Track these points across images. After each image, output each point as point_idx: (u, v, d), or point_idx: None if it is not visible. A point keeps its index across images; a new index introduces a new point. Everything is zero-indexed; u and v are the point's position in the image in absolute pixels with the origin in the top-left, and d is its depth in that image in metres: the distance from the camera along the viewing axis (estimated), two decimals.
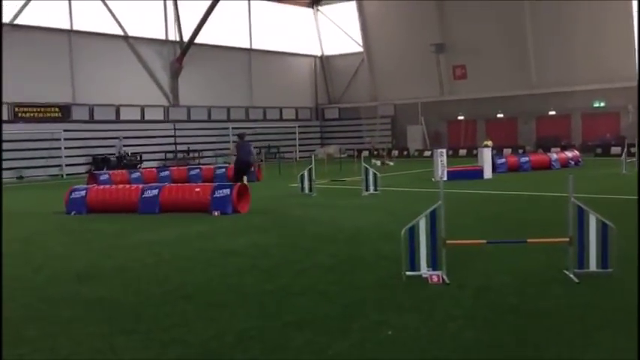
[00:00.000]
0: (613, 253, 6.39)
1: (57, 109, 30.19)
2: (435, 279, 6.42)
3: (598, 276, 6.37)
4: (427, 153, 35.08)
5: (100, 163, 29.79)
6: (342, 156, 34.84)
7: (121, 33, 33.28)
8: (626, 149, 21.20)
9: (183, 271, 7.57)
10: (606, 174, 19.97)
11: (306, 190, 16.46)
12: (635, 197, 13.43)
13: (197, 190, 13.71)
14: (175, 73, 35.42)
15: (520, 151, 32.76)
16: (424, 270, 6.58)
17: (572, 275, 6.36)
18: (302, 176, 16.66)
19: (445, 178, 18.74)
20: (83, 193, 14.09)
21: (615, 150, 29.11)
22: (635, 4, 32.68)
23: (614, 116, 34.46)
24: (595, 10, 33.75)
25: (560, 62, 35.36)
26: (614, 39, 33.52)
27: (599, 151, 31.61)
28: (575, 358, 4.31)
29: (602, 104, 34.57)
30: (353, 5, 42.98)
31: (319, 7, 45.15)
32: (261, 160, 30.77)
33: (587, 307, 5.44)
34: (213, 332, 5.10)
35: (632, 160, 20.68)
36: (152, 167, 26.96)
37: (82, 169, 29.99)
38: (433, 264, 6.56)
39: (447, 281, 6.37)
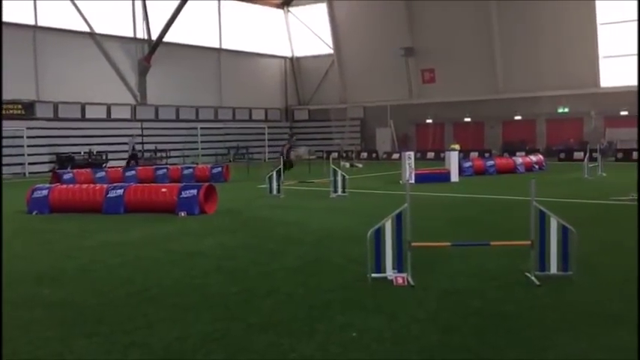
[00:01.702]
0: (573, 256, 6.53)
1: (20, 107, 29.49)
2: (400, 281, 6.46)
3: (558, 278, 6.49)
4: (395, 156, 35.33)
5: (64, 161, 29.19)
6: (311, 157, 34.86)
7: (88, 30, 32.70)
8: (588, 154, 21.71)
9: (147, 272, 7.47)
10: (569, 178, 20.42)
11: (275, 192, 16.42)
12: (597, 201, 13.77)
13: (163, 190, 13.55)
14: (143, 71, 34.97)
15: (486, 154, 33.27)
16: (389, 272, 6.61)
17: (533, 278, 6.48)
18: (270, 177, 16.61)
19: (413, 181, 18.92)
20: (45, 192, 13.78)
21: (578, 155, 29.78)
22: (598, 15, 33.54)
23: (577, 122, 35.28)
24: (560, 19, 34.52)
25: (526, 69, 36.05)
26: (577, 47, 34.33)
27: (562, 155, 32.30)
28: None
29: (566, 110, 35.36)
30: (323, 7, 43.08)
31: (290, 8, 45.13)
32: (230, 161, 30.57)
33: (548, 309, 5.54)
34: (176, 334, 5.04)
35: (594, 165, 21.18)
36: (118, 167, 26.52)
37: (46, 167, 29.34)
38: (398, 266, 6.60)
39: (412, 283, 6.42)
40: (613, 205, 13.09)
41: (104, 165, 29.22)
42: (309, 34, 44.53)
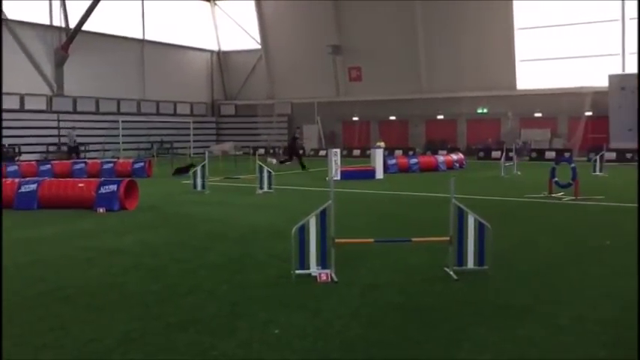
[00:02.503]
0: (488, 252, 6.79)
1: None
2: (324, 277, 6.50)
3: (475, 273, 6.74)
4: (322, 152, 35.58)
5: None
6: (238, 153, 34.53)
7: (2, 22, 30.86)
8: (504, 154, 22.67)
9: (61, 271, 7.14)
10: (487, 176, 21.26)
11: (199, 187, 16.13)
12: (512, 198, 14.42)
13: (81, 185, 13.00)
14: (60, 61, 33.40)
15: (410, 152, 34.09)
16: (313, 269, 6.64)
17: (451, 272, 6.69)
18: (195, 173, 16.30)
19: (338, 178, 19.12)
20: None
21: (496, 154, 31.04)
22: (515, 19, 35.12)
23: (495, 122, 36.80)
24: (480, 23, 35.88)
25: (448, 70, 37.24)
26: (496, 51, 35.82)
27: (481, 154, 33.59)
28: (451, 353, 4.53)
29: (485, 110, 36.82)
30: (251, 2, 42.72)
31: (217, 2, 44.47)
32: (153, 156, 29.80)
33: (464, 303, 5.74)
34: (91, 335, 4.84)
35: (510, 164, 22.16)
36: (32, 160, 25.24)
37: None
38: (323, 263, 6.64)
39: (336, 280, 6.48)
40: (526, 203, 13.75)
41: (16, 158, 27.72)
42: (236, 29, 44.03)
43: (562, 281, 6.57)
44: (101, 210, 12.16)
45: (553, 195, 14.49)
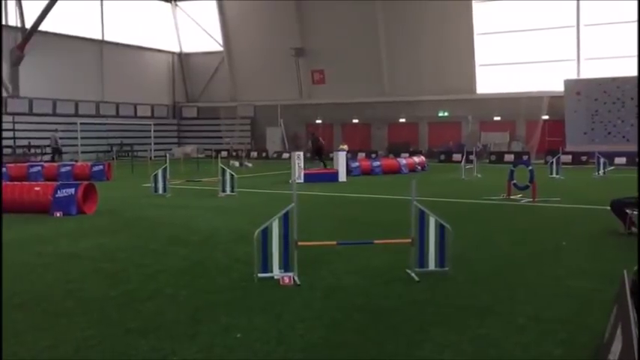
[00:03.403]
0: (449, 253, 6.89)
1: None
2: (287, 280, 6.48)
3: (436, 274, 6.82)
4: (286, 155, 35.52)
5: None
6: (200, 156, 34.18)
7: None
8: (465, 156, 23.05)
9: (15, 277, 6.92)
10: (448, 179, 21.57)
11: (160, 191, 15.90)
12: (472, 200, 14.66)
13: (37, 189, 12.66)
14: (16, 61, 32.51)
15: (373, 155, 34.35)
16: (276, 272, 6.61)
17: (413, 274, 6.76)
18: (156, 176, 16.06)
19: (302, 181, 19.12)
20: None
21: (457, 157, 31.54)
22: (475, 25, 35.80)
23: (456, 125, 37.41)
24: (440, 28, 36.47)
25: (410, 73, 37.69)
26: (456, 56, 36.44)
27: (442, 157, 34.09)
28: (412, 353, 4.57)
29: (446, 114, 37.39)
30: (213, 4, 42.40)
31: (178, 3, 43.99)
32: (113, 159, 29.25)
33: (425, 304, 5.80)
34: (47, 342, 4.72)
35: (470, 167, 22.54)
36: None
37: None
38: (285, 266, 6.62)
39: (298, 282, 6.47)
40: (486, 204, 14.00)
41: None
42: (198, 30, 43.62)
43: (520, 281, 6.71)
44: (58, 214, 11.87)
45: (511, 197, 14.80)
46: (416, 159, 26.90)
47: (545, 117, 34.58)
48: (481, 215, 12.34)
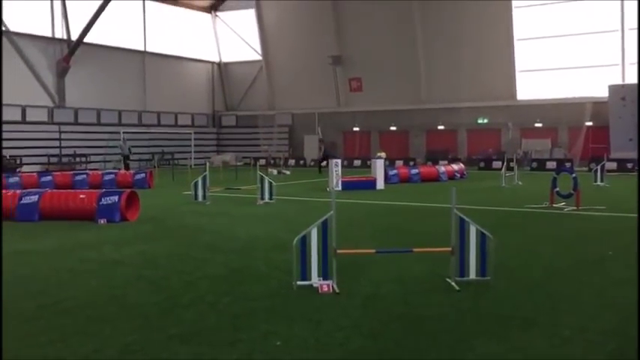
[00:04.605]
0: (490, 262, 6.77)
1: None
2: (325, 288, 6.48)
3: (477, 284, 6.72)
4: (323, 163, 35.54)
5: None
6: (239, 164, 34.55)
7: (2, 28, 30.99)
8: (505, 164, 22.68)
9: (62, 283, 7.12)
10: (488, 187, 21.24)
11: (200, 198, 16.13)
12: (514, 208, 14.40)
13: (82, 196, 13.00)
14: (62, 72, 33.52)
15: (411, 163, 34.10)
16: (315, 280, 6.62)
17: (453, 283, 6.67)
18: (196, 184, 16.30)
19: (339, 188, 19.11)
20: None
21: (496, 164, 31.04)
22: (515, 30, 35.28)
23: (495, 132, 36.84)
24: (479, 33, 36.01)
25: (448, 80, 37.32)
26: (496, 62, 35.92)
27: (482, 164, 33.59)
28: None
29: (486, 121, 36.87)
30: (252, 13, 42.93)
31: (217, 13, 44.68)
32: (154, 167, 29.83)
33: (466, 314, 5.71)
34: (92, 347, 4.82)
35: (511, 174, 22.15)
36: (33, 172, 25.26)
37: None
38: (324, 273, 6.62)
39: (337, 291, 6.45)
40: (528, 213, 13.72)
41: (18, 170, 27.75)
42: (237, 40, 44.21)
43: (564, 292, 6.55)
44: (102, 221, 12.15)
45: (554, 205, 14.47)
46: (455, 166, 26.57)
47: (589, 123, 33.74)
48: (523, 224, 12.10)
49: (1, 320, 5.13)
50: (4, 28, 30.95)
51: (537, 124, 35.11)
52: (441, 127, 38.07)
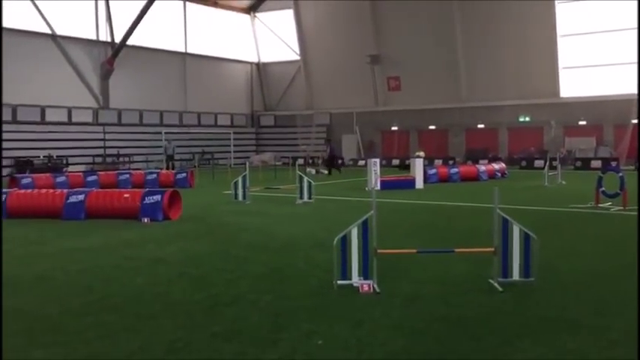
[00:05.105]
0: (534, 263, 6.65)
1: None
2: (366, 288, 6.47)
3: (520, 285, 6.60)
4: (361, 162, 35.51)
5: (22, 166, 28.43)
6: (277, 163, 34.79)
7: (49, 31, 31.97)
8: (548, 162, 22.20)
9: (108, 280, 7.30)
10: (530, 186, 20.83)
11: (240, 198, 16.30)
12: (557, 208, 14.09)
13: (126, 195, 13.30)
14: (106, 74, 34.34)
15: (450, 162, 33.71)
16: (355, 279, 6.62)
17: (496, 284, 6.57)
18: (236, 183, 16.49)
19: (378, 188, 19.04)
20: (2, 197, 13.38)
21: (539, 163, 30.41)
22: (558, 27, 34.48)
23: (537, 131, 36.08)
24: (521, 30, 35.31)
25: (488, 78, 36.73)
26: (538, 59, 35.16)
27: (523, 163, 32.95)
28: None
29: (527, 119, 36.15)
30: (290, 13, 43.13)
31: (256, 14, 45.04)
32: (195, 166, 30.29)
33: (510, 315, 5.62)
34: (138, 344, 4.93)
35: (554, 173, 21.68)
36: (79, 171, 25.97)
37: (4, 172, 28.50)
38: (364, 273, 6.61)
39: (378, 290, 6.44)
40: (572, 213, 13.40)
41: (64, 170, 28.58)
42: (275, 40, 44.48)
43: (610, 293, 6.39)
44: (146, 220, 12.40)
45: (600, 205, 14.10)
46: (495, 165, 26.14)
47: (635, 121, 32.71)
48: (567, 224, 11.83)
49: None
50: (50, 32, 31.92)
51: (581, 122, 34.23)
52: (480, 126, 37.49)
